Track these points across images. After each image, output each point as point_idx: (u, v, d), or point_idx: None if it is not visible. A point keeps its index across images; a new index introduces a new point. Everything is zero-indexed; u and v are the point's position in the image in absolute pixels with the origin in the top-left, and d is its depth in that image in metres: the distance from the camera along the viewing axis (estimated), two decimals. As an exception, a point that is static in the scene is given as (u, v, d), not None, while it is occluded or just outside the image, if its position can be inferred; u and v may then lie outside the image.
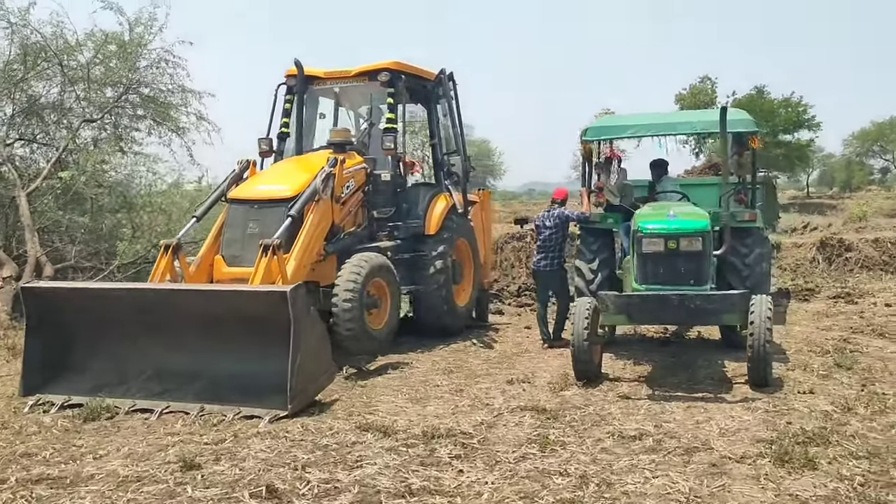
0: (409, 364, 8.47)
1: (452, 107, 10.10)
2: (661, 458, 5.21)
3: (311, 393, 6.62)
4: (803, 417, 6.06)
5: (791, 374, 7.64)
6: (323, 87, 10.01)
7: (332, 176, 8.36)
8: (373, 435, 5.82)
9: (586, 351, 7.21)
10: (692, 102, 62.57)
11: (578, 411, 6.42)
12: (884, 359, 8.24)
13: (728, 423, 5.98)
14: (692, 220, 7.34)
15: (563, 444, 5.55)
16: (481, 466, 5.10)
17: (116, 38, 16.76)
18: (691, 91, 63.14)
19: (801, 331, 10.12)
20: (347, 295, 7.72)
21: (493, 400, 6.87)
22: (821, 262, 15.64)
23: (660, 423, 6.01)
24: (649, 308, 7.02)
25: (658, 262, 7.25)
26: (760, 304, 6.99)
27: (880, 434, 5.60)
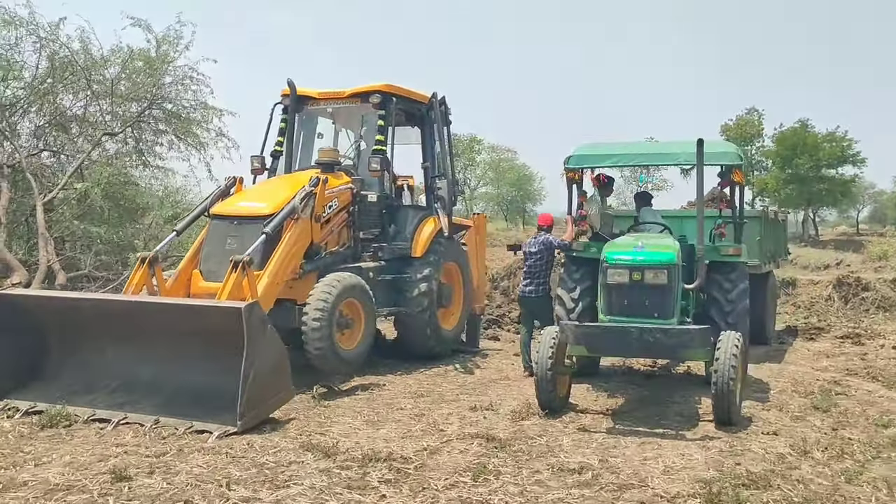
0: (382, 386, 8.46)
1: (442, 131, 10.11)
2: (592, 493, 5.11)
3: (266, 410, 6.64)
4: (755, 459, 5.90)
5: (765, 413, 7.45)
6: (317, 107, 10.11)
7: (313, 195, 8.42)
8: (313, 455, 5.81)
9: (550, 381, 7.12)
10: (738, 134, 62.06)
11: (529, 441, 6.33)
12: (867, 403, 7.98)
13: (676, 461, 5.84)
14: (659, 252, 7.22)
15: (498, 473, 5.48)
16: (405, 492, 5.06)
17: (143, 55, 17.20)
18: (737, 122, 62.63)
19: (795, 370, 9.87)
20: (316, 314, 7.74)
21: (448, 426, 6.81)
22: (836, 300, 15.25)
23: (606, 458, 5.90)
24: (608, 340, 6.92)
25: (623, 293, 7.15)
26: (727, 341, 6.85)
27: (827, 480, 5.43)
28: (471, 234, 11.14)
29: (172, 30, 17.21)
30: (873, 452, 6.11)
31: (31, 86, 16.10)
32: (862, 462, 5.86)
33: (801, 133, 53.25)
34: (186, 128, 17.73)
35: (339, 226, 9.12)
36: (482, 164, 64.68)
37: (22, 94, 16.10)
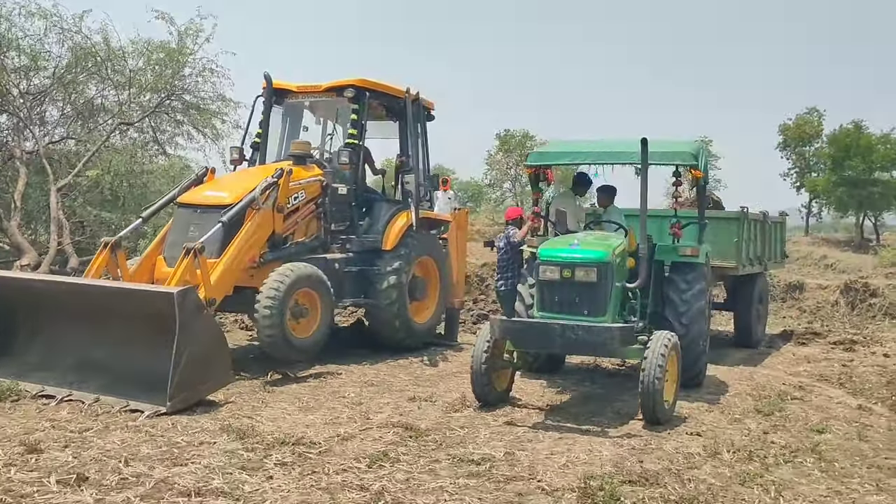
0: (338, 375, 8.63)
1: (414, 126, 10.22)
2: (476, 483, 5.21)
3: (199, 393, 6.87)
4: (660, 458, 5.91)
5: (704, 415, 7.43)
6: (295, 100, 10.33)
7: (275, 186, 8.64)
8: (228, 437, 6.01)
9: (484, 374, 7.21)
10: (797, 134, 60.68)
11: (448, 432, 6.44)
12: (818, 409, 7.88)
13: (580, 457, 5.89)
14: (590, 250, 7.24)
15: (396, 461, 5.60)
16: (294, 475, 5.22)
17: (164, 47, 17.69)
18: (796, 122, 61.28)
19: (766, 374, 9.76)
20: (268, 302, 7.96)
21: (378, 415, 6.96)
22: (843, 306, 14.96)
23: (513, 451, 5.97)
24: (532, 335, 6.98)
25: (554, 290, 7.19)
26: (657, 341, 6.86)
27: (721, 481, 5.43)
28: (452, 230, 11.24)
29: (194, 23, 17.70)
30: (788, 457, 6.07)
31: (54, 76, 16.71)
32: (768, 465, 5.83)
33: (855, 134, 51.80)
34: (205, 119, 18.22)
35: (306, 217, 9.32)
36: None
37: (45, 84, 16.71)
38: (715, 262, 10.46)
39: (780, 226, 12.97)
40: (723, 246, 10.52)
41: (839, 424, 7.22)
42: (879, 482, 5.58)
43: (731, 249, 10.45)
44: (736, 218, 10.60)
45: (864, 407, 8.09)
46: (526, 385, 8.57)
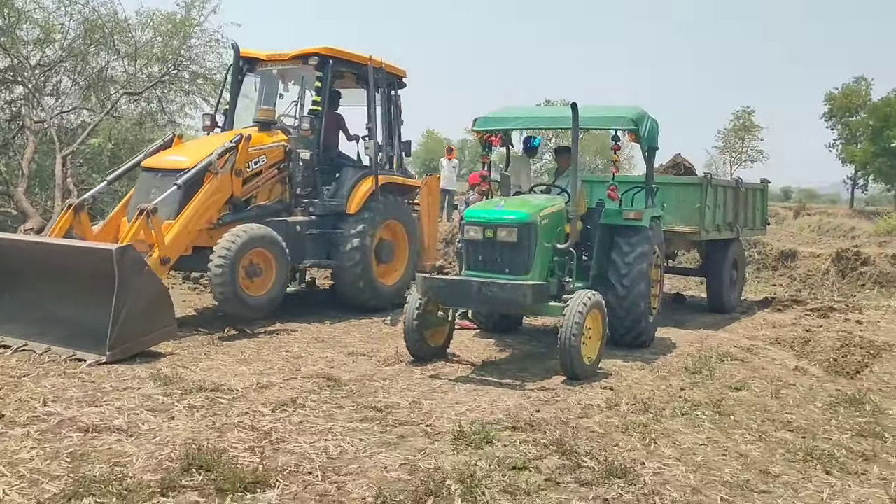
0: (292, 332, 8.98)
1: (374, 94, 10.44)
2: (366, 426, 5.51)
3: (141, 344, 7.25)
4: (559, 408, 6.14)
5: (633, 372, 7.63)
6: (265, 68, 10.63)
7: (233, 150, 8.97)
8: (154, 384, 6.39)
9: (415, 330, 7.50)
10: (844, 103, 59.47)
11: (368, 383, 6.75)
12: (751, 369, 8.00)
13: (482, 406, 6.16)
14: (512, 211, 7.44)
15: (301, 406, 5.93)
16: (197, 417, 5.58)
17: (171, 18, 18.13)
18: (843, 91, 60.01)
19: (722, 337, 9.87)
20: (219, 261, 8.33)
21: (309, 367, 7.28)
22: (833, 274, 14.89)
23: (420, 401, 6.26)
24: (451, 292, 7.24)
25: (477, 249, 7.43)
26: (576, 300, 7.07)
27: (601, 428, 5.66)
28: (423, 195, 11.49)
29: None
30: (686, 410, 6.25)
31: (63, 47, 17.26)
32: (661, 417, 6.03)
33: (894, 104, 50.65)
34: (212, 89, 18.64)
35: (268, 181, 9.65)
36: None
37: (54, 56, 17.27)
38: (678, 227, 10.61)
39: (761, 193, 12.96)
40: (686, 212, 10.63)
41: (762, 383, 7.35)
42: (764, 434, 5.75)
43: (693, 215, 10.54)
44: (698, 184, 10.67)
45: (800, 368, 8.20)
46: (475, 343, 8.86)
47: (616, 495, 4.42)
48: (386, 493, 4.21)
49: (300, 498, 4.19)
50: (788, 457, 5.26)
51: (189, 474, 4.41)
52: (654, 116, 8.80)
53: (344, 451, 4.98)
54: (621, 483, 4.59)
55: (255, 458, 4.75)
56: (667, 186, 10.81)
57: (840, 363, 8.35)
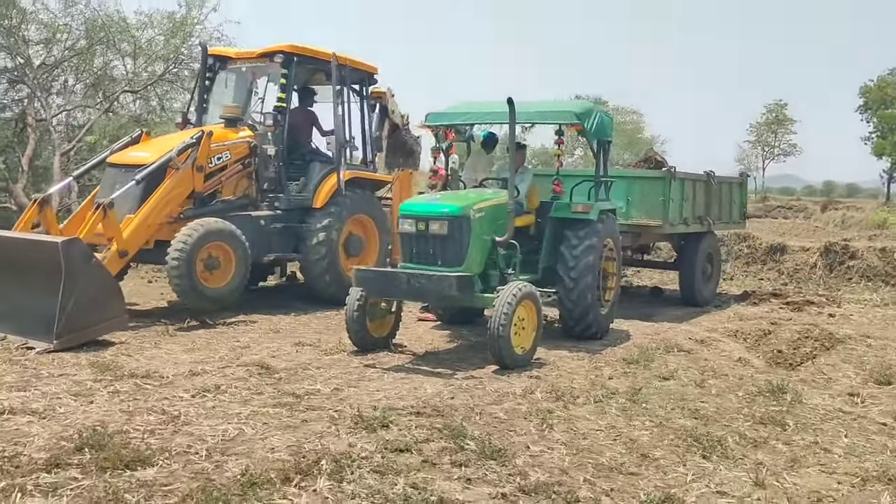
0: (251, 323, 9.25)
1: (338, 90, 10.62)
2: (275, 411, 5.71)
3: (89, 334, 7.54)
4: (474, 396, 6.28)
5: (570, 362, 7.76)
6: (235, 66, 10.90)
7: (193, 146, 9.25)
8: (91, 370, 6.66)
9: (356, 321, 7.70)
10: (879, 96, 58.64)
11: (299, 372, 6.93)
12: (691, 360, 8.08)
13: (401, 393, 6.33)
14: (445, 204, 7.61)
15: (222, 392, 6.14)
16: (116, 401, 5.82)
17: (171, 17, 18.56)
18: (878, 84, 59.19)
19: (682, 329, 9.94)
20: (175, 254, 8.60)
21: (251, 357, 7.48)
22: (821, 268, 14.81)
23: (343, 387, 6.45)
24: (382, 283, 7.44)
25: (411, 242, 7.62)
26: (506, 291, 7.22)
27: (505, 414, 5.81)
28: (396, 190, 11.70)
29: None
30: (600, 397, 6.38)
31: (66, 47, 17.76)
32: (571, 404, 6.16)
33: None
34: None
35: (232, 175, 9.92)
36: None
37: (58, 56, 17.78)
38: (643, 220, 10.71)
39: (739, 186, 12.96)
40: (650, 205, 10.71)
41: (693, 373, 7.45)
42: (667, 421, 5.86)
43: (657, 208, 10.62)
44: (661, 177, 10.74)
45: (743, 359, 8.27)
46: (429, 334, 9.07)
47: (481, 475, 4.58)
48: (255, 472, 4.42)
49: (175, 475, 4.41)
50: (676, 442, 5.37)
51: (80, 453, 4.64)
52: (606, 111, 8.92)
53: (242, 433, 5.20)
54: (493, 464, 4.75)
55: (151, 439, 4.99)
56: (632, 180, 10.92)
57: (785, 355, 8.38)
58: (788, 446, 5.41)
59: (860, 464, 5.13)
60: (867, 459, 5.21)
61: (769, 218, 28.42)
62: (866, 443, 5.57)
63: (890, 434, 5.80)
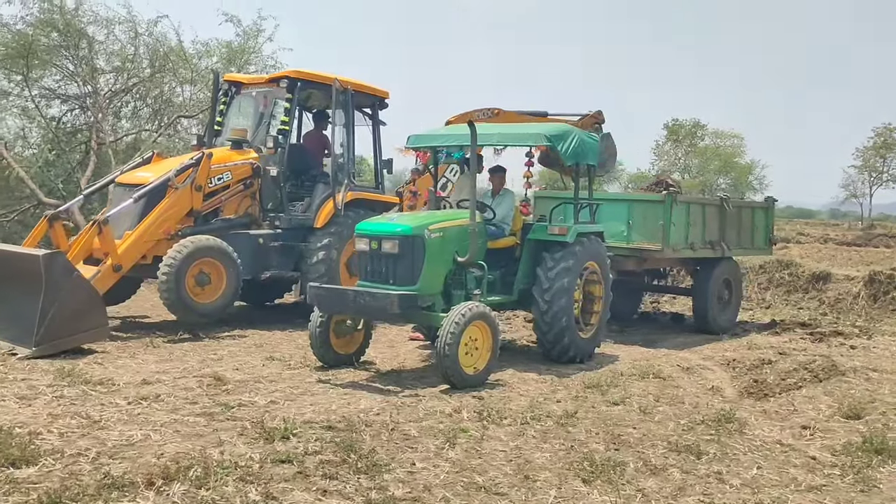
0: (241, 338, 9.56)
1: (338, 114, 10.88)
2: (193, 419, 5.93)
3: (70, 342, 7.97)
4: (401, 413, 6.34)
5: (529, 385, 7.74)
6: (247, 91, 11.35)
7: (192, 167, 9.69)
8: (54, 376, 7.04)
9: (318, 337, 7.88)
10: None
11: (251, 384, 7.14)
12: (665, 386, 7.89)
13: (330, 407, 6.45)
14: (398, 224, 7.72)
15: (160, 401, 6.41)
16: (53, 405, 6.16)
17: (228, 46, 19.44)
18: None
19: (680, 356, 9.74)
20: (165, 270, 9.02)
21: (214, 369, 7.75)
22: (864, 298, 14.14)
23: (279, 401, 6.63)
24: (332, 301, 7.58)
25: (366, 260, 7.76)
26: (455, 311, 7.27)
27: (416, 432, 5.85)
28: (405, 210, 11.87)
29: (255, 23, 19.38)
30: (527, 420, 6.32)
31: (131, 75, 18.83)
32: (489, 425, 6.14)
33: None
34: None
35: (234, 195, 10.32)
36: (706, 151, 61.68)
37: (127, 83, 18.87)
38: (643, 244, 10.56)
39: (763, 211, 12.57)
40: (650, 229, 10.54)
41: (647, 400, 7.27)
42: (579, 445, 5.75)
43: (654, 232, 10.44)
44: (660, 201, 10.54)
45: (715, 388, 8.03)
46: (411, 354, 9.20)
47: (341, 488, 4.65)
48: (116, 473, 4.62)
49: (49, 475, 4.64)
50: (570, 465, 5.29)
51: (-20, 451, 4.95)
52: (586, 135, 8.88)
53: (148, 439, 5.42)
54: (363, 478, 4.81)
55: (57, 441, 5.27)
56: (633, 203, 10.78)
57: (762, 385, 8.10)
58: (686, 475, 5.24)
59: (752, 496, 4.93)
60: (763, 492, 5.00)
61: (870, 247, 26.36)
62: (776, 475, 5.33)
63: (811, 469, 5.54)
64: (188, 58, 18.89)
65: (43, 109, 19.05)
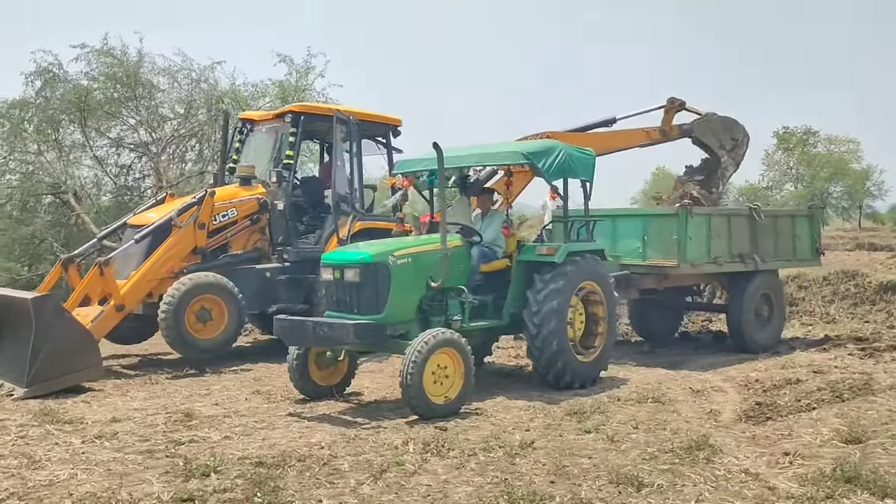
0: (242, 372, 9.60)
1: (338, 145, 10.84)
2: (132, 458, 5.92)
3: (64, 381, 8.17)
4: (347, 446, 6.18)
5: (506, 413, 7.41)
6: (258, 128, 11.51)
7: (194, 206, 9.87)
8: (32, 415, 7.22)
9: (296, 369, 7.80)
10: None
11: (220, 419, 7.11)
12: (652, 412, 7.42)
13: (280, 442, 6.34)
14: (359, 252, 7.56)
15: (112, 439, 6.46)
16: (7, 441, 6.30)
17: (281, 84, 19.93)
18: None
19: (698, 378, 9.17)
20: (164, 307, 9.18)
21: (198, 405, 7.77)
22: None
23: (234, 436, 6.56)
24: (293, 332, 7.44)
25: (331, 290, 7.62)
26: (418, 339, 7.05)
27: (348, 467, 5.64)
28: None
29: (306, 62, 19.83)
30: (476, 451, 6.02)
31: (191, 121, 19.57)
32: (430, 457, 5.88)
33: None
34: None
35: (241, 231, 10.44)
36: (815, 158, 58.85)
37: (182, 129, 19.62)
38: (658, 260, 10.07)
39: (807, 220, 11.77)
40: (665, 244, 10.02)
41: (626, 427, 6.83)
42: (514, 478, 5.41)
43: (665, 247, 9.91)
44: (674, 214, 10.00)
45: (713, 412, 7.48)
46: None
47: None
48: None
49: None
50: (487, 498, 4.98)
51: None
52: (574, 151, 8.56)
53: (71, 479, 5.42)
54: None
55: (-21, 479, 5.36)
56: (648, 218, 10.31)
57: (764, 408, 7.50)
58: (605, 509, 4.84)
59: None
60: (684, 528, 4.55)
61: None
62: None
63: (762, 500, 5.01)
64: (242, 100, 19.43)
65: (112, 157, 20.05)
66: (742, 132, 12.32)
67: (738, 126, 12.33)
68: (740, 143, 12.23)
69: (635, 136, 12.33)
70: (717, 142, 12.13)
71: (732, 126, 12.29)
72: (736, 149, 12.22)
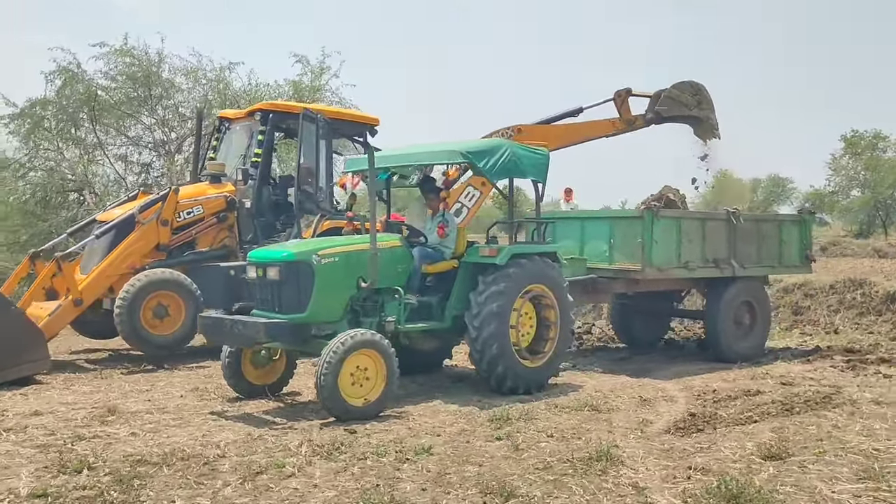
0: (201, 368, 9.62)
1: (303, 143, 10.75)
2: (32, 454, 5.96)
3: (11, 373, 8.31)
4: (242, 446, 6.11)
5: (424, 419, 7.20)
6: (233, 126, 11.54)
7: (157, 203, 9.93)
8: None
9: (228, 367, 7.76)
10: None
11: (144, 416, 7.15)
12: (581, 420, 7.18)
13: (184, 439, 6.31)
14: (282, 251, 7.47)
15: (19, 432, 6.51)
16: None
17: (297, 84, 20.07)
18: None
19: (655, 386, 8.85)
20: (119, 303, 9.26)
21: (129, 401, 7.81)
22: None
23: (135, 433, 6.55)
24: (213, 329, 7.39)
25: (255, 288, 7.55)
26: (335, 340, 6.94)
27: (229, 466, 5.57)
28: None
29: (319, 62, 19.94)
30: (369, 454, 5.90)
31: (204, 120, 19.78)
32: (318, 461, 5.76)
33: None
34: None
35: (206, 228, 10.46)
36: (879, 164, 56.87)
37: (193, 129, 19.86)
38: (623, 264, 9.79)
39: (797, 225, 11.30)
40: (631, 247, 9.72)
41: (539, 436, 6.59)
42: (379, 485, 5.26)
43: (633, 251, 9.60)
44: (639, 217, 9.68)
45: (645, 422, 7.19)
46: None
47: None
48: None
49: None
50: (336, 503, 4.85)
51: None
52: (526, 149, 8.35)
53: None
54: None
55: None
56: (613, 221, 10.02)
57: (697, 419, 7.19)
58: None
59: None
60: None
61: None
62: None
63: (627, 516, 4.77)
64: (257, 100, 19.58)
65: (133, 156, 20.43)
66: (695, 84, 12.32)
67: (687, 83, 12.33)
68: (701, 92, 12.26)
69: (601, 127, 12.43)
70: (684, 108, 12.02)
71: (685, 86, 12.21)
72: (702, 100, 12.21)
